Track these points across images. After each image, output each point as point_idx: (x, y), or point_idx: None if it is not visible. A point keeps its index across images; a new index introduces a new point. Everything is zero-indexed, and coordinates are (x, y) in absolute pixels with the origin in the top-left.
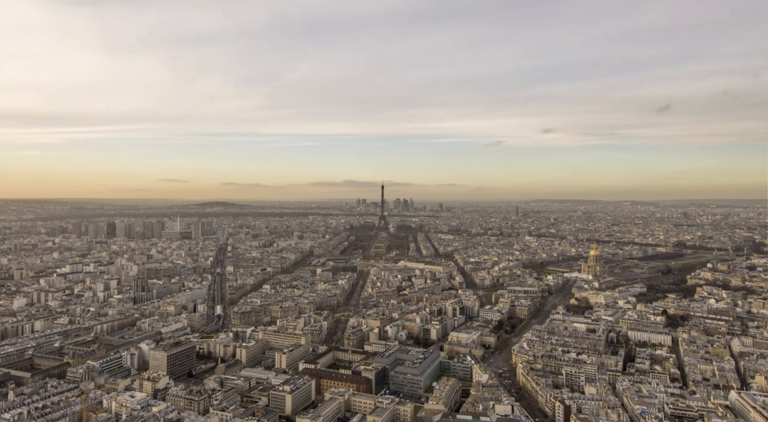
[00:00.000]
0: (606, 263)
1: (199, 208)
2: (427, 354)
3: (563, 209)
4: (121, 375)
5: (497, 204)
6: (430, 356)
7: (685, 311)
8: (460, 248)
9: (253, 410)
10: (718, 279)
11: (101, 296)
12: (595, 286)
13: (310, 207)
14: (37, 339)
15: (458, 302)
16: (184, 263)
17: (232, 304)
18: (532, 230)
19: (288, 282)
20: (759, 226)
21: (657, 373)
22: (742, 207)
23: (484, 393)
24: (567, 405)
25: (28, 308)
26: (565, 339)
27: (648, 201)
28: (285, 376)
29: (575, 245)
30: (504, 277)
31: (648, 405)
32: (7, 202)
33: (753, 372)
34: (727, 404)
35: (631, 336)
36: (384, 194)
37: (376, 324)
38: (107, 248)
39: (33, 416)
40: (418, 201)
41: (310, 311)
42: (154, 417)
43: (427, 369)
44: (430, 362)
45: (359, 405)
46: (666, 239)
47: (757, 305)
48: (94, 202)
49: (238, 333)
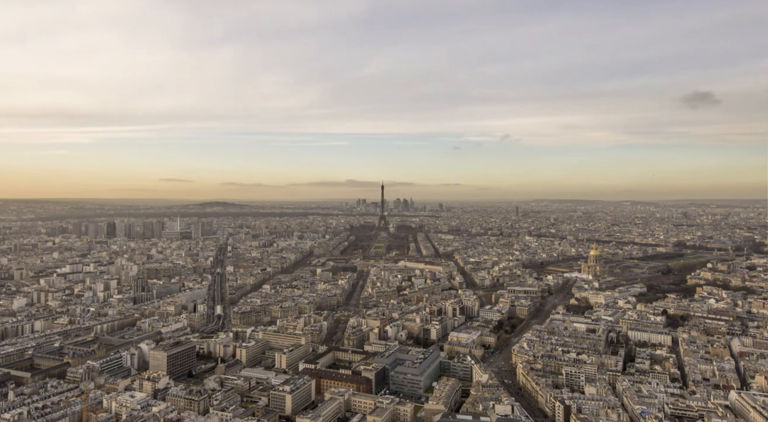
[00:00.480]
0: (606, 263)
1: (200, 208)
2: (427, 354)
3: (563, 209)
4: (121, 375)
5: (497, 204)
6: (430, 356)
7: (685, 311)
8: (460, 248)
9: (253, 410)
10: (718, 279)
11: (101, 296)
12: (595, 286)
13: (310, 207)
14: (37, 339)
15: (458, 302)
16: (184, 263)
17: (232, 304)
18: (532, 230)
19: (288, 282)
20: (759, 226)
21: (657, 373)
22: (742, 207)
23: (484, 393)
24: (567, 405)
25: (28, 308)
26: (565, 339)
27: (648, 201)
28: (285, 376)
29: (575, 245)
30: (504, 277)
31: (648, 405)
32: (7, 202)
33: (753, 372)
34: (727, 404)
35: (631, 336)
36: (384, 194)
37: (376, 324)
38: (107, 248)
39: (33, 416)
40: (418, 201)
41: (310, 311)
42: (154, 417)
43: (427, 369)
44: (430, 362)
45: (359, 405)
46: (666, 239)
47: (757, 305)
48: (94, 202)
49: (238, 333)
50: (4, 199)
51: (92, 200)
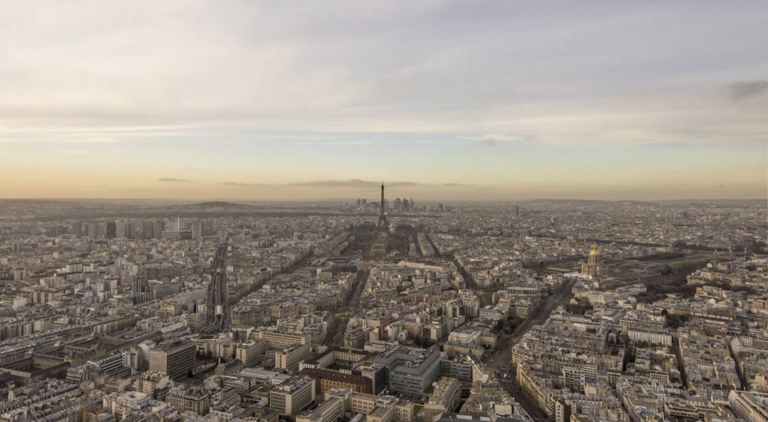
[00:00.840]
0: (606, 263)
1: (200, 208)
2: (427, 354)
3: (563, 209)
4: (121, 375)
5: (497, 204)
6: (430, 356)
7: (685, 311)
8: (460, 248)
9: (253, 410)
10: (718, 279)
11: (101, 296)
12: (595, 286)
13: (310, 207)
14: (37, 339)
15: (458, 302)
16: (184, 263)
17: (232, 304)
18: (532, 230)
19: (288, 282)
20: (759, 226)
21: (657, 373)
22: (742, 207)
23: (484, 393)
24: (567, 405)
25: (28, 308)
26: (565, 339)
27: (648, 201)
28: (285, 376)
29: (575, 245)
30: (504, 277)
31: (648, 405)
32: (7, 202)
33: (753, 372)
34: (727, 404)
35: (631, 336)
36: (384, 194)
37: (376, 324)
38: (107, 248)
39: (33, 416)
40: (418, 201)
41: (310, 312)
42: (154, 417)
43: (427, 369)
44: (430, 362)
45: (359, 405)
46: (666, 239)
47: (757, 305)
48: (94, 202)
49: (238, 333)
50: (6, 199)
51: (92, 200)
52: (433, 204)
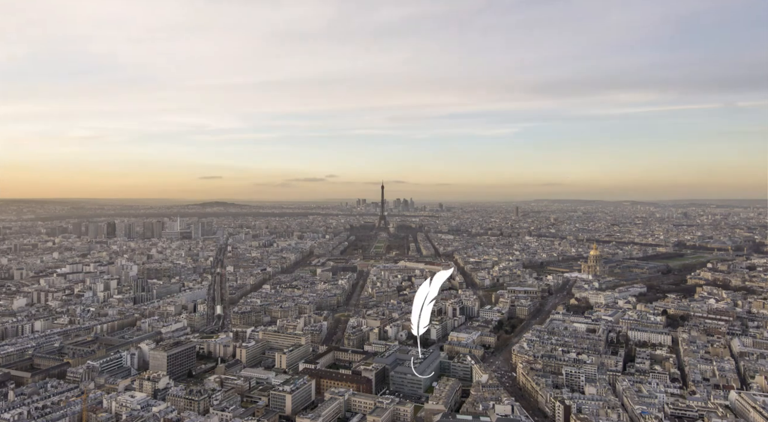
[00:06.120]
0: (606, 263)
1: (200, 208)
2: (427, 354)
3: (563, 209)
4: (121, 375)
5: (497, 204)
6: (430, 356)
7: (685, 312)
8: (460, 248)
9: (253, 410)
10: (718, 279)
11: (101, 296)
12: (595, 286)
13: (310, 207)
14: (37, 339)
15: (458, 302)
16: (184, 263)
17: (232, 304)
18: (532, 230)
19: (288, 282)
20: (759, 226)
21: (657, 373)
22: (742, 207)
23: (484, 393)
24: (567, 405)
25: (28, 308)
26: (565, 339)
27: (648, 201)
28: (285, 376)
29: (575, 245)
30: (504, 277)
31: (648, 405)
32: (7, 202)
33: (753, 372)
34: (727, 404)
35: (631, 336)
36: (384, 194)
37: (376, 324)
38: (107, 248)
39: (33, 416)
40: (418, 201)
41: (310, 312)
42: (154, 417)
43: (427, 369)
44: (430, 362)
45: (359, 405)
46: (666, 239)
47: (757, 305)
48: (93, 202)
49: (238, 333)
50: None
51: (93, 200)
52: (433, 204)
